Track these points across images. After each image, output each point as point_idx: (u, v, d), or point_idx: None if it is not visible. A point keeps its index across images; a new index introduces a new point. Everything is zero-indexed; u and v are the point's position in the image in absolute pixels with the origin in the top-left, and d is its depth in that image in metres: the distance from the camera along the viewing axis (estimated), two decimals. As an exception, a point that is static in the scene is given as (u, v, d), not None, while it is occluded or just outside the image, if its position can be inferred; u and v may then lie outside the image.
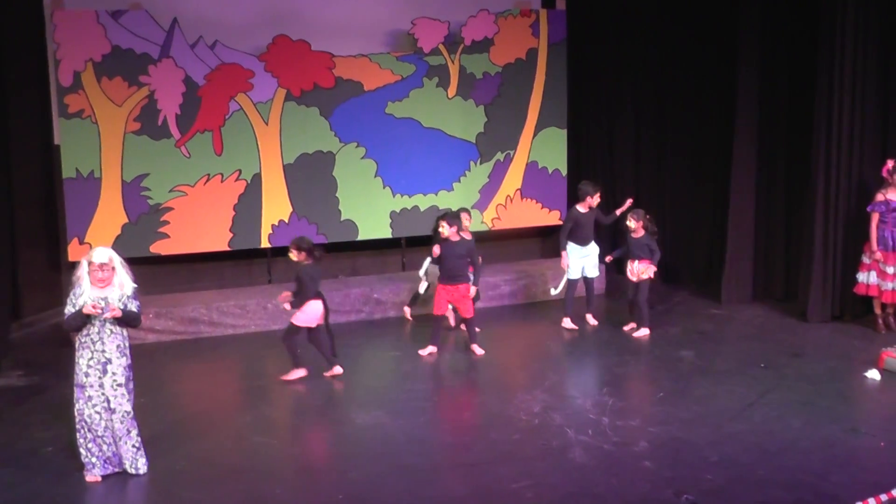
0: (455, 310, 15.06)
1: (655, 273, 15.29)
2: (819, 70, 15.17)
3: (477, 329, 14.64)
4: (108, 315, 9.94)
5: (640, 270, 15.13)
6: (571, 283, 15.65)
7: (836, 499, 9.42)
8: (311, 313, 13.18)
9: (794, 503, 9.41)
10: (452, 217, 14.27)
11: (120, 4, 15.71)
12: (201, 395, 13.05)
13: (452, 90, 17.59)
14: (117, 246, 15.19)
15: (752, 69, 16.14)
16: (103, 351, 10.07)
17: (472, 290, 14.25)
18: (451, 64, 17.50)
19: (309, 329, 13.29)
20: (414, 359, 14.29)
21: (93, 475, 10.21)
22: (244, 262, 17.15)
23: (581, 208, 15.37)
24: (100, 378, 10.08)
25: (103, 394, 10.10)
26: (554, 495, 9.73)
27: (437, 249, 14.26)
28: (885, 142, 15.32)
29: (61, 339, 14.57)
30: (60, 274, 16.20)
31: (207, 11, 16.30)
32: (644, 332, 15.25)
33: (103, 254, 10.10)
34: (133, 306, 10.15)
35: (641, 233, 15.10)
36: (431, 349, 14.36)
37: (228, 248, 16.73)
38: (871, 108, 15.16)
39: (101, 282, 10.02)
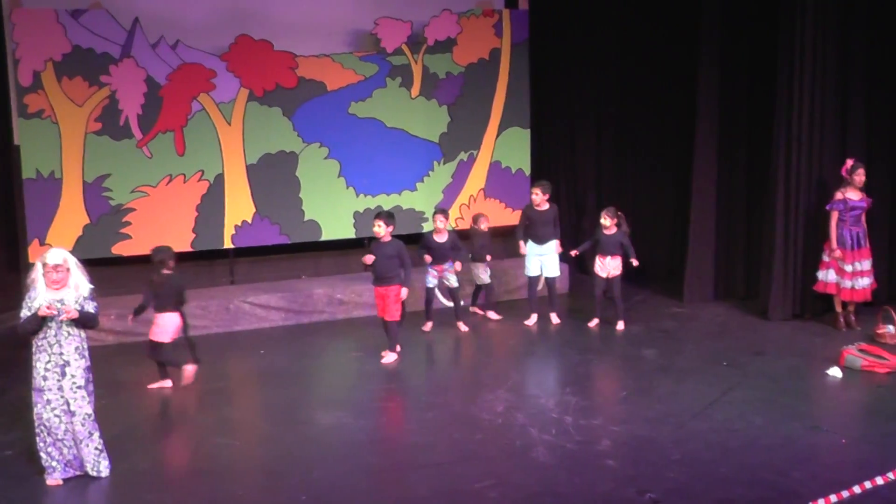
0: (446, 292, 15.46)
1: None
2: (779, 70, 15.24)
3: (397, 349, 14.55)
4: (64, 317, 9.87)
5: (613, 267, 15.32)
6: (531, 281, 15.68)
7: (798, 495, 9.45)
8: (164, 326, 13.05)
9: (756, 500, 9.44)
10: (388, 216, 14.17)
11: (80, 3, 15.61)
12: (163, 397, 12.98)
13: (415, 90, 17.57)
14: (78, 247, 15.20)
15: (712, 69, 16.19)
16: (61, 353, 10.00)
17: (404, 291, 14.17)
18: (414, 64, 17.49)
19: (163, 343, 13.10)
20: (377, 359, 14.25)
21: (54, 479, 10.14)
22: (206, 263, 17.06)
23: (533, 206, 15.44)
24: (59, 381, 10.01)
25: (62, 396, 10.03)
26: (517, 495, 9.72)
27: (369, 258, 14.19)
28: (843, 141, 15.40)
29: (19, 342, 14.44)
30: (20, 275, 16.01)
31: (169, 11, 16.19)
32: (621, 325, 15.51)
33: (57, 255, 10.02)
34: (90, 307, 10.07)
35: (614, 230, 15.30)
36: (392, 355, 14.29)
37: (191, 249, 16.63)
38: (831, 108, 15.23)
39: (55, 283, 9.94)
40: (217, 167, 16.58)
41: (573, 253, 15.84)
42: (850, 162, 14.70)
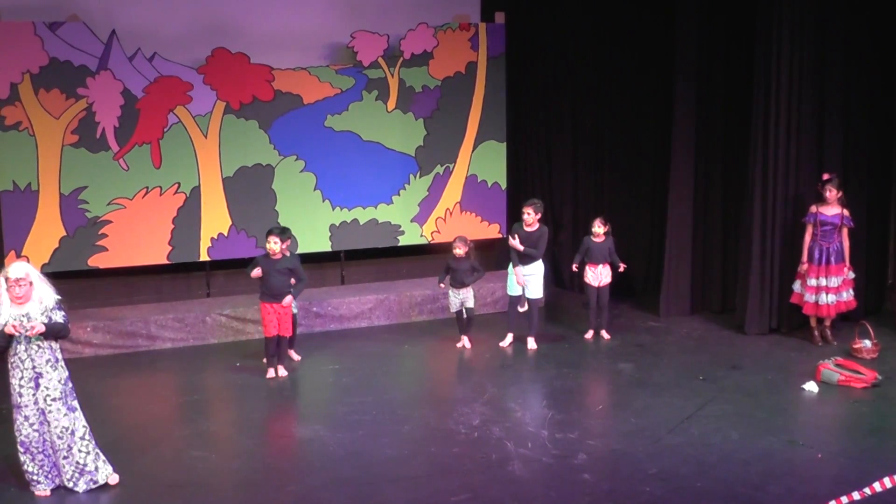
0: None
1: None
2: (755, 85, 15.29)
3: (296, 357, 14.71)
4: (30, 333, 9.83)
5: (605, 276, 15.57)
6: (511, 300, 15.59)
7: (774, 510, 9.48)
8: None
9: (732, 515, 9.47)
10: (282, 232, 14.06)
11: (58, 16, 15.56)
12: (139, 410, 12.93)
13: (392, 103, 17.55)
14: (55, 259, 15.20)
15: (688, 83, 16.23)
16: (34, 367, 9.95)
17: (288, 298, 13.95)
18: (391, 77, 17.47)
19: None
20: (353, 372, 14.25)
21: (40, 491, 10.13)
22: (182, 276, 17.02)
23: (524, 225, 15.32)
24: (34, 394, 9.97)
25: (38, 409, 10.00)
26: (493, 508, 9.74)
27: (258, 271, 14.04)
28: (820, 156, 15.45)
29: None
30: (-5, 287, 16.06)
31: (146, 24, 16.16)
32: (606, 334, 15.75)
33: (19, 269, 9.96)
34: (58, 317, 10.01)
35: (603, 238, 15.45)
36: (272, 371, 14.13)
37: (167, 262, 16.60)
38: (806, 123, 15.27)
39: (19, 298, 9.89)
40: (193, 180, 16.53)
41: (574, 267, 15.81)
42: (824, 177, 14.77)
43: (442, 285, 15.35)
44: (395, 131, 17.63)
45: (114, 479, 10.39)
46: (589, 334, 15.76)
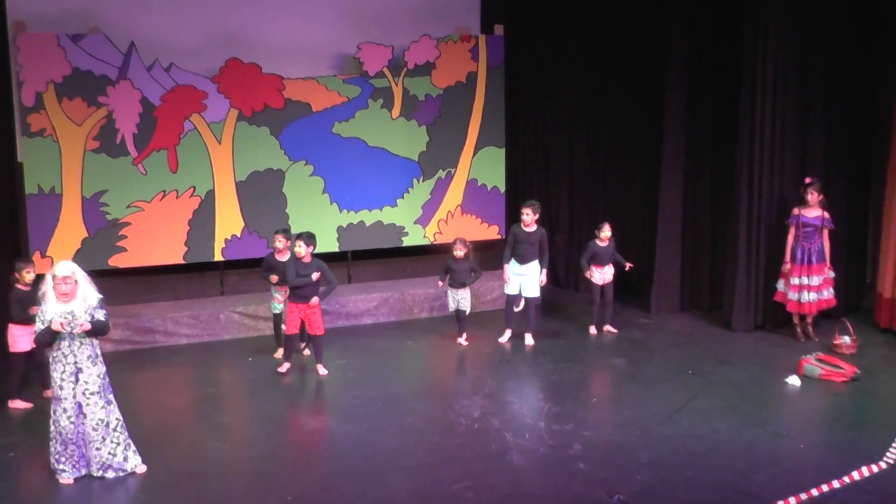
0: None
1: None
2: (742, 93, 15.28)
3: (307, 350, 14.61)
4: (77, 330, 9.85)
5: (610, 274, 15.66)
6: (508, 299, 15.56)
7: (759, 498, 9.45)
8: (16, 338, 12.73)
9: (719, 502, 9.43)
10: (308, 237, 13.82)
11: (80, 28, 15.59)
12: (157, 403, 12.92)
13: (396, 111, 17.55)
14: (77, 259, 14.96)
15: (678, 91, 16.23)
16: (75, 362, 9.98)
17: (314, 299, 13.81)
18: (395, 86, 17.46)
19: (27, 353, 12.72)
20: (360, 367, 14.24)
21: (65, 478, 10.14)
22: (197, 275, 17.02)
23: (522, 226, 15.29)
24: (73, 388, 9.98)
25: (76, 402, 10.01)
26: (492, 496, 9.70)
27: (274, 278, 14.08)
28: (803, 160, 15.44)
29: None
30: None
31: (163, 35, 16.18)
32: (611, 328, 15.87)
33: (66, 267, 9.99)
34: (100, 315, 10.05)
35: (608, 242, 15.57)
36: (287, 365, 14.02)
37: (183, 262, 16.61)
38: (791, 128, 15.28)
39: (64, 295, 9.90)
40: (208, 184, 16.53)
41: (587, 274, 15.77)
42: (806, 181, 14.79)
43: (441, 283, 15.34)
44: (400, 137, 17.62)
45: (141, 468, 10.38)
46: (592, 330, 15.80)
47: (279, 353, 14.65)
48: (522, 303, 15.47)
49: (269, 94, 16.72)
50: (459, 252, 15.13)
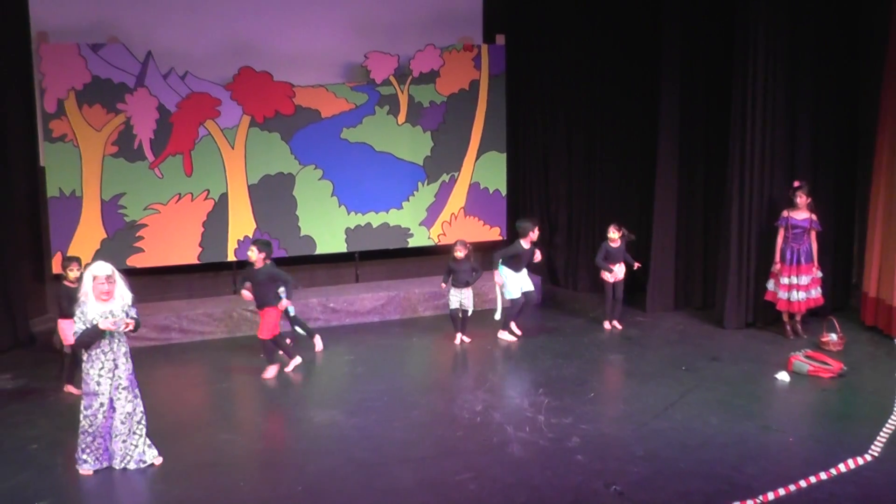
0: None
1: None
2: (733, 98, 15.29)
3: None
4: (123, 328, 9.90)
5: (620, 273, 15.77)
6: (516, 302, 15.54)
7: (750, 489, 9.48)
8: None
9: (711, 493, 9.46)
10: (262, 245, 13.66)
11: (99, 38, 15.64)
12: (172, 397, 12.95)
13: (402, 117, 17.56)
14: (96, 259, 15.09)
15: (672, 97, 16.22)
16: (114, 359, 10.03)
17: (284, 303, 13.66)
18: (401, 93, 17.48)
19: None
20: (367, 362, 14.27)
21: (86, 469, 10.20)
22: (211, 275, 17.04)
23: (524, 243, 15.27)
24: (109, 383, 10.02)
25: (108, 397, 10.05)
26: (494, 487, 9.74)
27: (246, 293, 13.72)
28: (792, 164, 15.45)
29: (45, 345, 14.46)
30: (45, 285, 16.16)
31: (179, 44, 16.22)
32: (617, 324, 16.00)
33: (105, 267, 10.04)
34: (133, 313, 10.13)
35: (619, 242, 15.66)
36: (273, 368, 13.79)
37: (197, 262, 16.65)
38: (780, 134, 15.28)
39: (105, 294, 9.93)
40: (221, 187, 16.56)
41: (604, 276, 15.86)
42: (795, 184, 14.82)
43: (444, 285, 15.36)
44: (405, 143, 17.64)
45: (158, 460, 10.44)
46: (606, 325, 15.93)
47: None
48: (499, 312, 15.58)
49: (280, 101, 16.75)
50: (460, 253, 15.14)
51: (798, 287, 14.82)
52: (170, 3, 16.27)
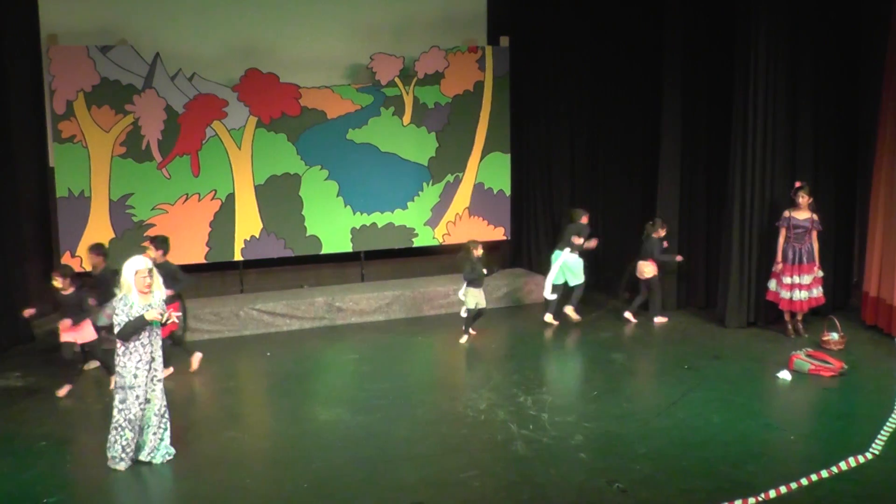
0: None
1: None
2: (734, 100, 15.29)
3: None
4: (167, 319, 9.93)
5: (646, 269, 16.00)
6: (556, 287, 16.08)
7: (751, 487, 9.46)
8: (87, 331, 12.87)
9: (713, 490, 9.44)
10: (160, 241, 13.61)
11: (108, 40, 15.66)
12: (180, 394, 12.93)
13: (407, 118, 17.55)
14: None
15: (674, 98, 16.26)
16: (151, 352, 10.04)
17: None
18: (406, 95, 17.47)
19: (83, 345, 12.91)
20: (372, 361, 14.27)
21: (122, 466, 10.19)
22: (218, 274, 17.03)
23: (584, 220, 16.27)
24: (146, 375, 10.02)
25: (144, 389, 10.05)
26: (498, 484, 9.74)
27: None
28: (793, 165, 15.43)
29: (54, 344, 14.45)
30: (53, 283, 16.18)
31: (186, 46, 16.25)
32: (628, 319, 16.23)
33: (145, 260, 10.04)
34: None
35: (655, 237, 15.91)
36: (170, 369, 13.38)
37: (204, 261, 16.63)
38: (781, 136, 15.26)
39: (147, 287, 9.94)
40: (228, 187, 16.56)
41: (645, 273, 16.15)
42: (796, 185, 14.80)
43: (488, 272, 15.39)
44: (410, 143, 17.63)
45: (172, 452, 10.46)
46: (657, 318, 16.19)
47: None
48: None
49: (287, 103, 16.74)
50: (479, 252, 15.18)
51: (800, 286, 14.80)
52: (177, 6, 16.33)
